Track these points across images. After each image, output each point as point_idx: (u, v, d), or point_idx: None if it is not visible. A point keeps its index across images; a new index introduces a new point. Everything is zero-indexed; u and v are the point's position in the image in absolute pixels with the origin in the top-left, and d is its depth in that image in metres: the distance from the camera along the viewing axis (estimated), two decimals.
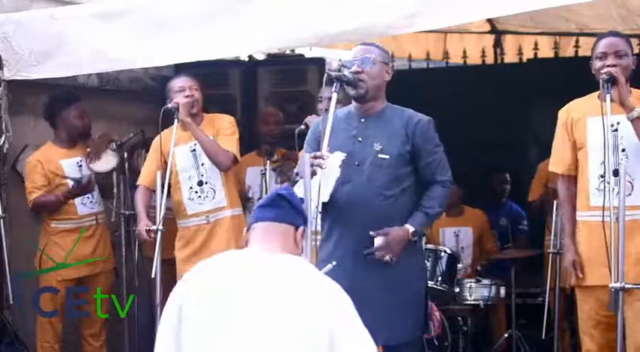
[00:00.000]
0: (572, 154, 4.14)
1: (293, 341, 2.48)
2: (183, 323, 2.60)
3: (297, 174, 4.04)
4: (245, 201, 5.69)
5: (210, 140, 4.94)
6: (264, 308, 2.53)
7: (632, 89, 4.06)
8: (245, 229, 2.82)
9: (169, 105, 4.86)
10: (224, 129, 5.05)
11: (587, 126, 4.06)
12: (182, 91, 4.98)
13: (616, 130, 3.91)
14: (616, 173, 3.78)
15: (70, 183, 5.36)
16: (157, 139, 4.96)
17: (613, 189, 3.78)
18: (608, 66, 3.90)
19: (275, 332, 2.50)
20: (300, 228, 2.79)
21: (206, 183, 5.04)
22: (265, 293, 2.55)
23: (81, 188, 5.34)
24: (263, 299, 2.54)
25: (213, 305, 2.57)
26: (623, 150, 3.93)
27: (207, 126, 5.07)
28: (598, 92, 4.08)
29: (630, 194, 3.86)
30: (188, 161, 5.04)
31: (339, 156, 3.81)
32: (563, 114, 4.19)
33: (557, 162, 4.21)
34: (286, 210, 2.76)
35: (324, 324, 2.50)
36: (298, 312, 2.51)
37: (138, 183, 5.12)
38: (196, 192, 5.05)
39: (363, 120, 3.93)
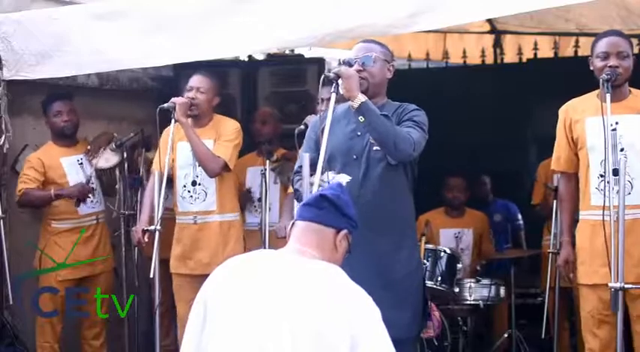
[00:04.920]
0: (571, 153, 4.16)
1: (308, 346, 2.47)
2: (208, 318, 2.61)
3: (296, 173, 4.03)
4: (245, 201, 5.69)
5: (202, 144, 4.91)
6: (281, 312, 2.52)
7: (631, 89, 4.07)
8: (290, 223, 2.79)
9: (166, 105, 4.84)
10: (225, 135, 5.04)
11: (585, 127, 4.07)
12: (190, 91, 4.99)
13: (614, 130, 3.91)
14: (616, 172, 3.79)
15: (72, 183, 5.36)
16: (168, 128, 4.87)
17: (612, 188, 3.80)
18: (610, 66, 3.91)
19: (289, 337, 2.48)
20: (343, 231, 2.73)
21: (199, 184, 5.03)
22: (284, 296, 2.54)
23: (74, 191, 5.31)
24: (282, 303, 2.53)
25: (235, 304, 2.57)
26: (622, 149, 3.94)
27: (211, 128, 5.07)
28: (597, 91, 4.09)
29: (630, 193, 3.87)
30: (187, 159, 5.04)
31: (344, 178, 3.78)
32: (562, 113, 4.21)
33: (557, 160, 4.25)
34: (327, 211, 2.71)
35: (344, 333, 2.47)
36: (317, 319, 2.49)
37: (152, 168, 5.08)
38: (189, 191, 5.05)
39: None
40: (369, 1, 4.29)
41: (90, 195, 5.38)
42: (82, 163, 5.46)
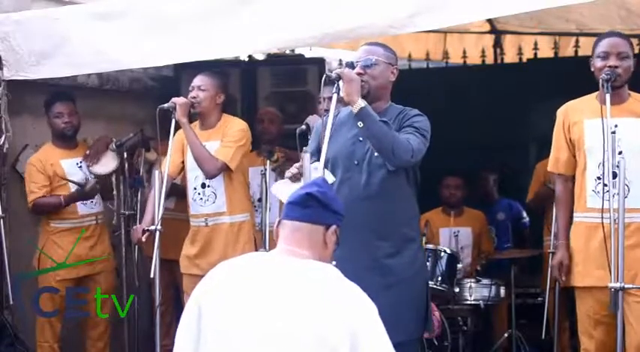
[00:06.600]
0: (568, 155, 4.15)
1: (309, 349, 2.46)
2: (202, 324, 2.60)
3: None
4: None
5: (200, 145, 4.89)
6: (277, 313, 2.52)
7: (631, 92, 4.07)
8: (276, 222, 2.78)
9: (166, 105, 4.83)
10: (229, 136, 5.02)
11: (584, 129, 4.06)
12: (191, 91, 5.00)
13: (614, 133, 3.88)
14: (614, 175, 3.79)
15: (73, 187, 5.36)
16: (179, 131, 4.91)
17: (609, 191, 3.80)
18: (609, 66, 3.91)
19: (286, 337, 2.48)
20: (332, 227, 2.71)
21: (208, 186, 5.02)
22: (280, 298, 2.54)
23: (83, 194, 5.33)
24: (277, 304, 2.53)
25: (230, 306, 2.56)
26: (620, 152, 3.93)
27: (219, 129, 5.06)
28: (596, 93, 4.08)
29: (626, 197, 3.86)
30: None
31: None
32: (560, 115, 4.20)
33: (555, 162, 4.23)
34: (314, 209, 2.68)
35: (344, 332, 2.47)
36: (315, 320, 2.48)
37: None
38: (199, 193, 5.05)
39: None
40: (369, 2, 4.28)
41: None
42: (80, 166, 5.45)
